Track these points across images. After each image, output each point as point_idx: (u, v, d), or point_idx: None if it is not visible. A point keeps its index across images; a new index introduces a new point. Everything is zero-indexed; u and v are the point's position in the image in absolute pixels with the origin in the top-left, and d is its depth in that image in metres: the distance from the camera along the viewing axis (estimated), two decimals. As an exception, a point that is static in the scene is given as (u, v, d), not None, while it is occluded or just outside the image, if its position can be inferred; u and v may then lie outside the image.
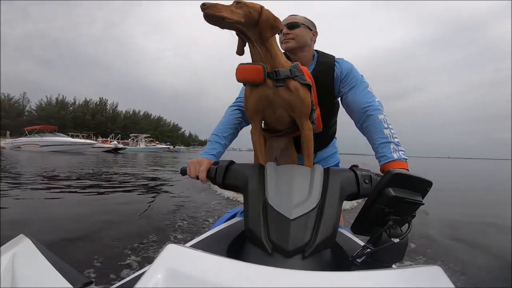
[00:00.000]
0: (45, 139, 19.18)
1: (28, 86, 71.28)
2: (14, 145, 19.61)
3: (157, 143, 42.34)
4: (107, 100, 60.38)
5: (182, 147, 50.29)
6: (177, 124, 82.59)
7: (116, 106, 61.83)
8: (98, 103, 59.14)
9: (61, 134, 22.01)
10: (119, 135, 36.60)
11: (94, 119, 54.96)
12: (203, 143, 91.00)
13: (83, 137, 29.00)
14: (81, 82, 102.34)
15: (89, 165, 8.78)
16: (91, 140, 25.55)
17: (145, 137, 36.27)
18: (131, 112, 66.19)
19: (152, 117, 71.81)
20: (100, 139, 32.03)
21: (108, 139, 31.30)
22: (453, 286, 0.37)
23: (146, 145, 33.35)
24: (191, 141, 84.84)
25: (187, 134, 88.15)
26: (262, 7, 0.68)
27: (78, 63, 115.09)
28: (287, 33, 0.98)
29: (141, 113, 68.97)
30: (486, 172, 17.56)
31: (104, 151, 21.89)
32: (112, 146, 24.12)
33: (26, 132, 21.33)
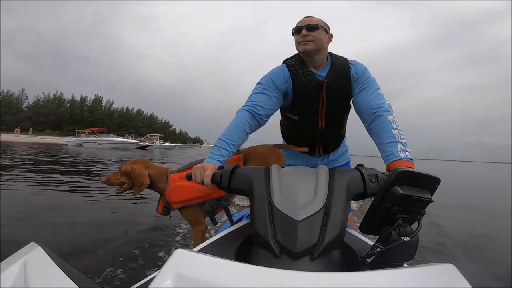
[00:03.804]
0: (102, 139, 23.78)
1: (15, 82, 69.85)
2: (76, 142, 23.83)
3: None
4: (102, 98, 62.27)
5: (180, 144, 54.65)
6: (168, 122, 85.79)
7: (112, 104, 63.88)
8: (93, 100, 60.80)
9: (112, 135, 26.61)
10: (133, 134, 40.83)
11: (92, 116, 56.83)
12: (195, 141, 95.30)
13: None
14: (69, 79, 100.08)
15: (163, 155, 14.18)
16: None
17: (159, 137, 41.09)
18: (124, 110, 68.30)
19: (144, 114, 74.29)
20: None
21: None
22: (468, 284, 0.36)
23: (160, 143, 38.10)
24: (185, 140, 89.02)
25: (177, 131, 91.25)
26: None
27: (64, 59, 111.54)
28: (306, 35, 0.97)
29: (134, 110, 71.28)
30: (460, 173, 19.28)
31: (135, 148, 26.66)
32: (142, 144, 28.94)
33: (86, 132, 25.67)
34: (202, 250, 0.58)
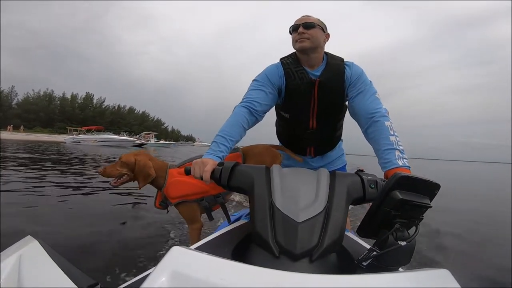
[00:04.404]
0: (101, 136, 24.44)
1: (4, 79, 67.97)
2: (74, 140, 24.39)
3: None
4: (93, 95, 61.76)
5: (173, 142, 55.17)
6: (160, 119, 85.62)
7: (103, 101, 63.42)
8: (85, 97, 60.21)
9: (109, 133, 27.30)
10: (128, 132, 41.36)
11: (83, 114, 56.35)
12: (187, 139, 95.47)
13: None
14: (60, 76, 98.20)
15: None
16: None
17: (154, 135, 41.72)
18: (116, 107, 67.90)
19: (136, 112, 73.95)
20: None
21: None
22: None
23: (154, 141, 38.73)
24: (178, 138, 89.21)
25: (169, 129, 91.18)
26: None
27: (56, 56, 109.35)
28: (303, 33, 0.98)
29: (126, 108, 70.89)
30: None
31: (132, 146, 27.33)
32: (139, 142, 29.58)
33: (84, 130, 26.27)
34: (199, 248, 0.59)
